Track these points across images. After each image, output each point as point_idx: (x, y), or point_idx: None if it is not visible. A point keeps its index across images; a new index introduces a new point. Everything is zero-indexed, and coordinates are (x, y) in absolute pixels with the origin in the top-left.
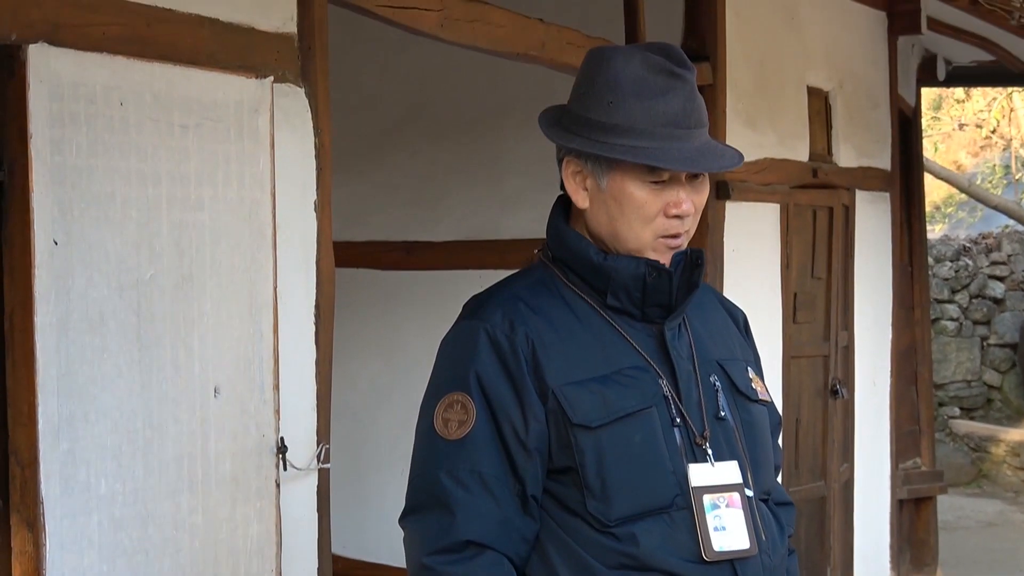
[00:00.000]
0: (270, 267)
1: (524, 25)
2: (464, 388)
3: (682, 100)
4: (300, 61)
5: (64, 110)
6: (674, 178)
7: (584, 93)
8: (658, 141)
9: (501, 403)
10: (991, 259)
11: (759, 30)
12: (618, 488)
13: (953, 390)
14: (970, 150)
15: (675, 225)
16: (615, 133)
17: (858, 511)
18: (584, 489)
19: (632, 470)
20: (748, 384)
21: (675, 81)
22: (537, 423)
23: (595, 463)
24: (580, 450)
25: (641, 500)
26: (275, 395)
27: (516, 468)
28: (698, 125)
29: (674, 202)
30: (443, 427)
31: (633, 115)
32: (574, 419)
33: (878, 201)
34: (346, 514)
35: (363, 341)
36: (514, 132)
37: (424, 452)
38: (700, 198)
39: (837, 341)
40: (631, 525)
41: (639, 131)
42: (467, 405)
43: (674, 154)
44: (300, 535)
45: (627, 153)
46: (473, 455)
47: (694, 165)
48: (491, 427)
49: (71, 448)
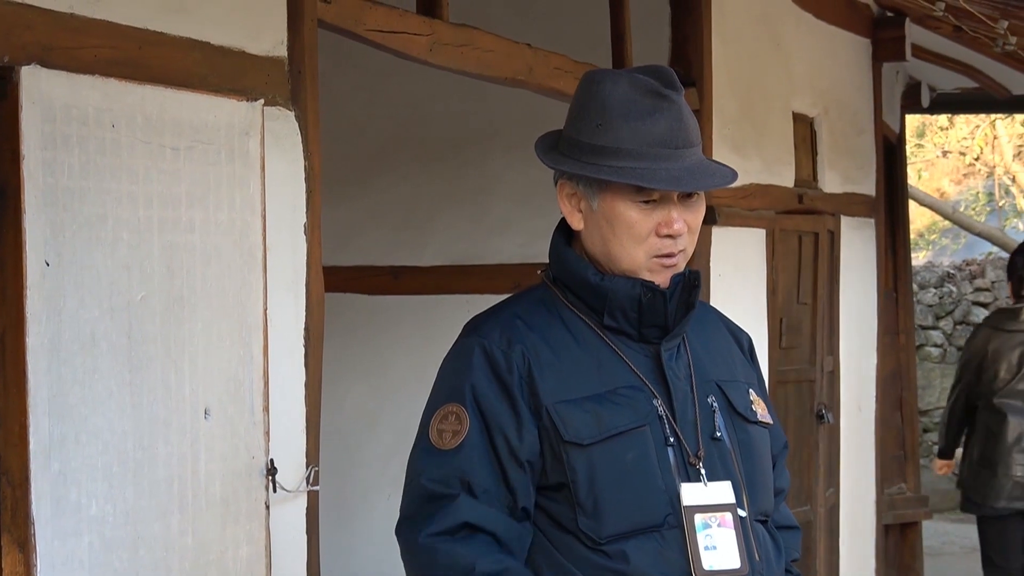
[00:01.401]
0: (260, 289)
1: (512, 50)
2: (459, 400)
3: (670, 120)
4: (290, 84)
5: (56, 132)
6: (665, 197)
7: (576, 116)
8: (646, 161)
9: (494, 415)
10: (975, 285)
11: (745, 56)
12: (609, 506)
13: (938, 416)
14: (953, 177)
15: (668, 245)
16: (604, 155)
17: (843, 536)
18: (576, 506)
19: (624, 488)
20: (747, 405)
21: (663, 102)
22: (530, 436)
23: (587, 481)
24: (572, 467)
25: (632, 518)
26: (265, 417)
27: (508, 480)
28: (687, 145)
29: (665, 221)
30: (438, 438)
31: (621, 136)
32: (566, 436)
33: (863, 227)
34: (333, 537)
35: (350, 365)
36: (502, 157)
37: (418, 462)
38: (694, 217)
39: (823, 366)
40: (622, 543)
41: (627, 152)
42: (461, 416)
43: (661, 174)
44: (290, 557)
45: (613, 174)
46: (465, 464)
47: (678, 184)
48: (484, 438)
49: (62, 469)
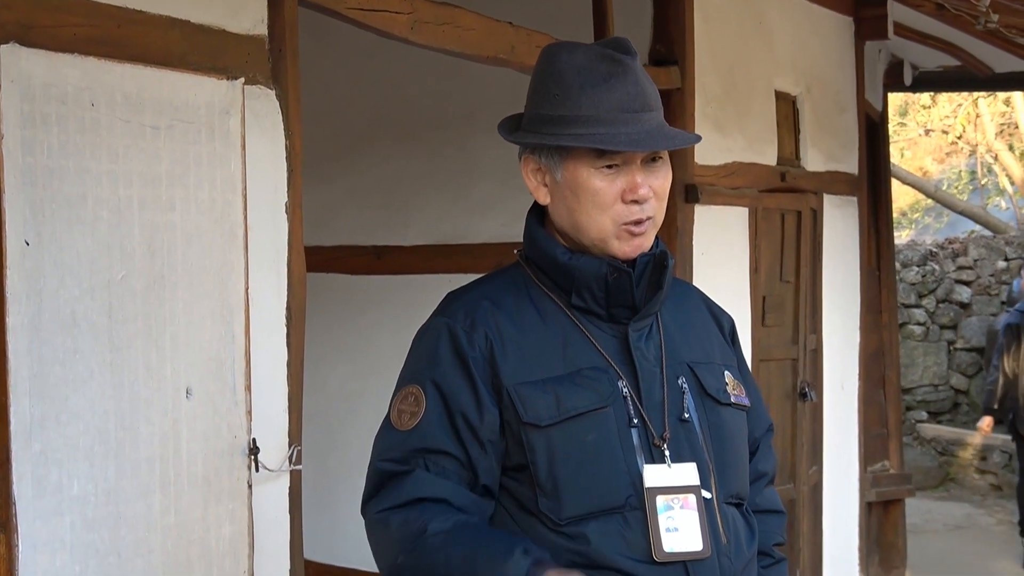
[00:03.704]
0: (241, 269)
1: (494, 28)
2: (419, 381)
3: (627, 85)
4: (271, 63)
5: (36, 111)
6: (628, 162)
7: (535, 91)
8: (605, 127)
9: (454, 395)
10: (958, 264)
11: (727, 35)
12: (569, 487)
13: (920, 394)
14: (936, 156)
15: (635, 211)
16: (564, 123)
17: (827, 514)
18: (536, 488)
19: (584, 470)
20: (721, 387)
21: (618, 67)
22: (490, 416)
23: (546, 462)
24: (531, 448)
25: (593, 499)
26: (247, 397)
27: (469, 456)
28: (646, 108)
29: (630, 187)
30: (397, 418)
31: (579, 104)
32: (524, 417)
33: (846, 205)
34: (316, 518)
35: (333, 345)
36: (483, 137)
37: (380, 443)
38: (660, 183)
39: (805, 344)
40: (582, 524)
41: (586, 118)
42: (419, 397)
43: (621, 137)
44: (272, 536)
45: (574, 140)
46: (421, 442)
47: (639, 145)
48: (443, 417)
49: (43, 449)
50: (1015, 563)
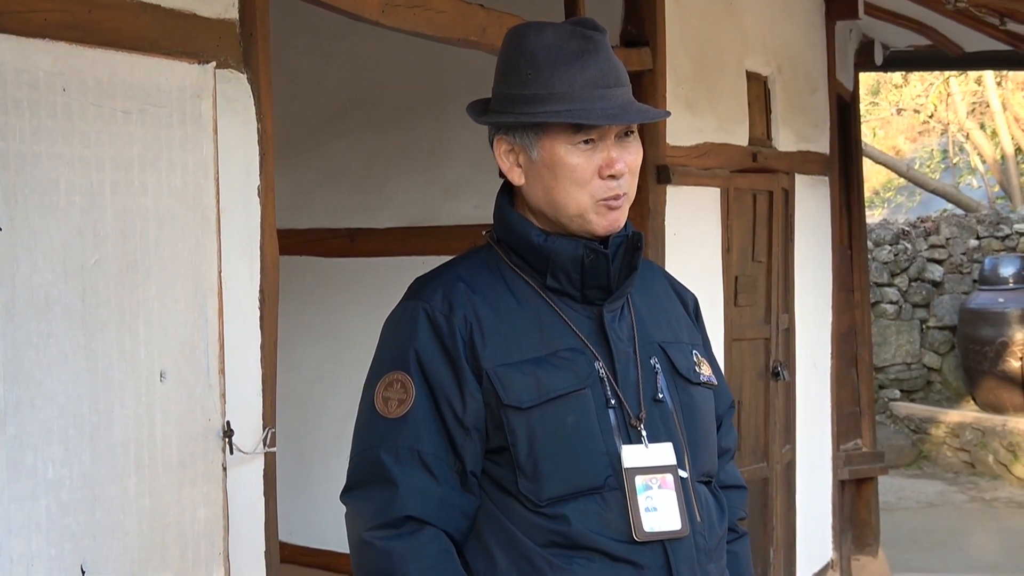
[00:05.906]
0: (214, 252)
1: (465, 11)
2: (404, 367)
3: (598, 61)
4: (242, 47)
5: (7, 96)
6: (603, 137)
7: (505, 71)
8: (580, 103)
9: (439, 382)
10: (930, 242)
11: (698, 15)
12: (549, 468)
13: (893, 372)
14: (908, 135)
15: (612, 187)
16: (537, 102)
17: (800, 492)
18: (516, 469)
19: (563, 451)
20: (691, 367)
21: (588, 44)
22: (474, 401)
23: (526, 443)
24: (512, 430)
25: (572, 481)
26: (221, 379)
27: (455, 445)
28: (618, 84)
29: (607, 162)
30: (383, 405)
31: (552, 82)
32: (505, 400)
33: (817, 185)
34: (291, 501)
35: (307, 328)
36: (456, 119)
37: (365, 430)
38: (633, 158)
39: (778, 324)
40: (562, 505)
41: (560, 95)
42: (406, 384)
43: (597, 112)
44: (247, 519)
45: (551, 116)
46: (412, 433)
47: (615, 119)
48: (430, 405)
49: (17, 433)
50: (988, 539)
